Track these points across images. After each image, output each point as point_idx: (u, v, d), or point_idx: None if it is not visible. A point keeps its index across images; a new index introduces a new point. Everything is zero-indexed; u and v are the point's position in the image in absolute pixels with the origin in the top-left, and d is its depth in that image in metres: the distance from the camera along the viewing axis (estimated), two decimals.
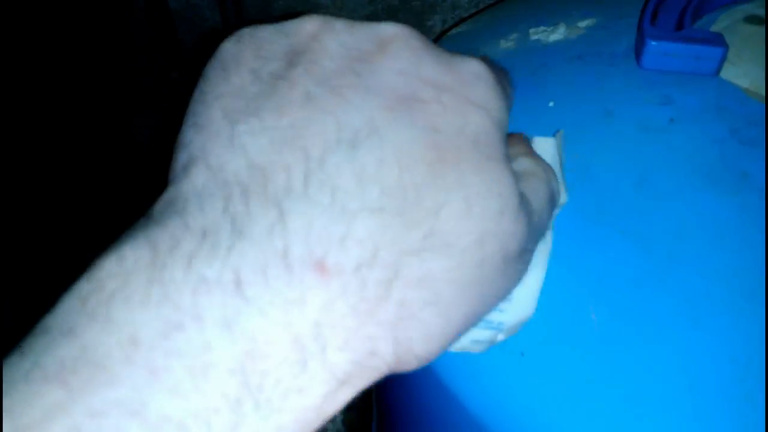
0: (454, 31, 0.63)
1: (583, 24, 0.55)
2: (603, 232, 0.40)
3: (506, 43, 0.55)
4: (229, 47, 0.20)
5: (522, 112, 0.49)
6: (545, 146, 0.40)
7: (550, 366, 0.37)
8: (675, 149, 0.43)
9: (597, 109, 0.46)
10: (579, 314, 0.38)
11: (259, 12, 0.88)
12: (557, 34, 0.54)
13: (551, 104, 0.48)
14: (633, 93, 0.47)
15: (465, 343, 0.39)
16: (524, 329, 0.38)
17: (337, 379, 0.16)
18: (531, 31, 0.55)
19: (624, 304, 0.37)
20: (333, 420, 1.19)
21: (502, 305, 0.39)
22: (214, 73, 0.19)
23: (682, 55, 0.47)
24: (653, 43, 0.47)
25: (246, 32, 0.20)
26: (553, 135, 0.40)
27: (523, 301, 0.38)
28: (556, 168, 0.40)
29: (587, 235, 0.40)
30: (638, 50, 0.48)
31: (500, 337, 0.38)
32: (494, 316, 0.38)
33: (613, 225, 0.40)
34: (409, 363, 0.18)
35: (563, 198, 0.40)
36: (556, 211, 0.40)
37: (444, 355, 0.21)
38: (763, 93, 0.46)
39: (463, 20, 0.67)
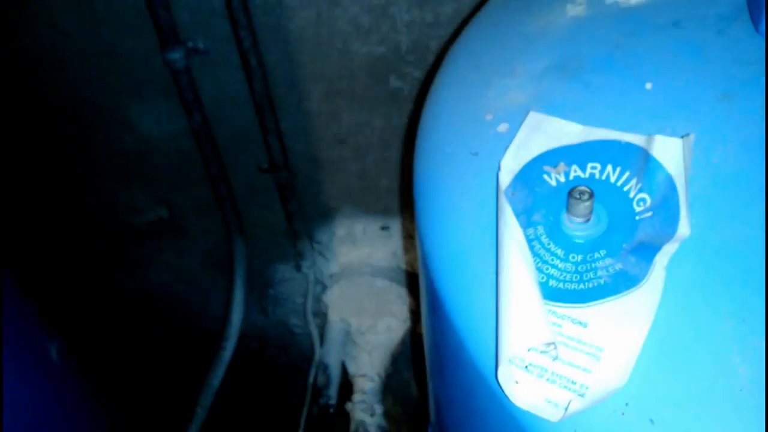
0: None
1: None
2: (750, 264, 0.31)
3: (574, 8, 0.46)
4: None
5: (609, 97, 0.40)
6: (669, 149, 0.31)
7: None
8: None
9: (710, 90, 0.37)
10: (722, 368, 0.29)
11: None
12: None
13: (649, 86, 0.38)
14: (754, 67, 0.37)
15: (537, 401, 0.30)
16: (654, 390, 0.30)
17: None
18: None
19: None
20: (373, 413, 1.13)
21: (590, 362, 0.30)
22: None
23: None
24: None
25: None
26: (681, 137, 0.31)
27: (615, 363, 0.30)
28: (680, 183, 0.31)
29: (729, 271, 0.31)
30: (755, 12, 0.39)
31: (578, 404, 0.29)
32: (577, 375, 0.30)
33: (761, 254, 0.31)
34: None
35: (685, 230, 0.31)
36: (673, 248, 0.31)
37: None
38: None
39: None
